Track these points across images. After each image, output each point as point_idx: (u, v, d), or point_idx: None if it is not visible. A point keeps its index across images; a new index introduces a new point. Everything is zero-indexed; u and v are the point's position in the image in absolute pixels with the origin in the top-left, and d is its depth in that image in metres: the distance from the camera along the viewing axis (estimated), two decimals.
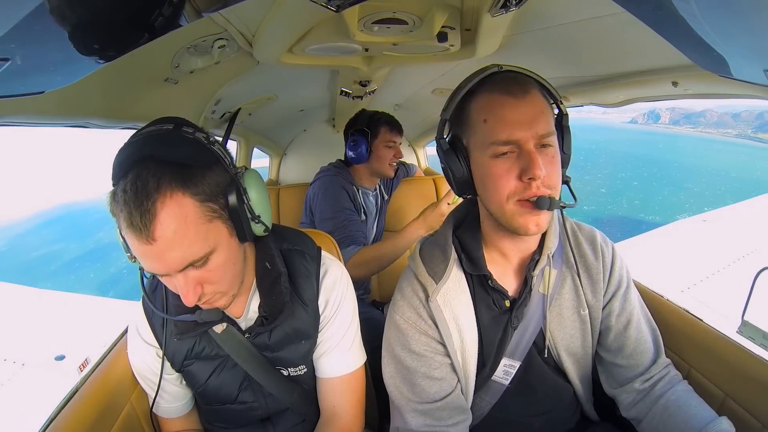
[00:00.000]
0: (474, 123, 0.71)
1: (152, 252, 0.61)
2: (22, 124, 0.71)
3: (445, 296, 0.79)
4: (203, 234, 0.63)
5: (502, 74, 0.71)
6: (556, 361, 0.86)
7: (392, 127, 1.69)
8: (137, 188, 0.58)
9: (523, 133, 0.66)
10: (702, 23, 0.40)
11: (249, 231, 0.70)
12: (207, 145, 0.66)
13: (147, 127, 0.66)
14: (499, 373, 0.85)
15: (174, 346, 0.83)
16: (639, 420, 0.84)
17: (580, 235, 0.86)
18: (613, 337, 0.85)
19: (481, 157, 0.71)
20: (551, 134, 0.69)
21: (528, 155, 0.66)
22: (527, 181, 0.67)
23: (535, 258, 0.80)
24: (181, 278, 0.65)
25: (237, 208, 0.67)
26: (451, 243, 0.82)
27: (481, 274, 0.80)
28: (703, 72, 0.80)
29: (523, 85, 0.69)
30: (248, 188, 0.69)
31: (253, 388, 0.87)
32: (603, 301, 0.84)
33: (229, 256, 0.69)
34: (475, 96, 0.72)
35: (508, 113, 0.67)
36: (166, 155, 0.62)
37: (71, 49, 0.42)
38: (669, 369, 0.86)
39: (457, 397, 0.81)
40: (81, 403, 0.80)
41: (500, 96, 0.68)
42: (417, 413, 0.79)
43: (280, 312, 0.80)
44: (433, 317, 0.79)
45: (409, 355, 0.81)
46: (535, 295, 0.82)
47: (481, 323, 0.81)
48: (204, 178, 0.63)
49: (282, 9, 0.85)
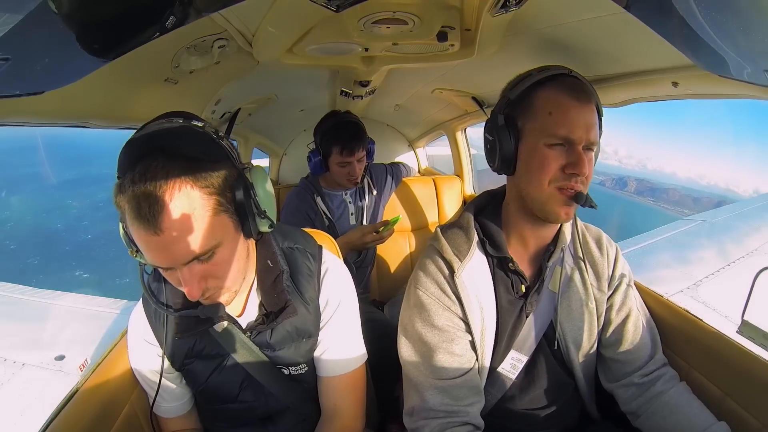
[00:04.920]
0: (538, 111, 0.76)
1: (158, 243, 0.61)
2: (22, 124, 0.71)
3: (469, 273, 0.83)
4: (210, 227, 0.64)
5: (572, 78, 0.77)
6: (563, 354, 0.89)
7: (344, 147, 1.59)
8: (146, 179, 0.59)
9: (580, 135, 0.73)
10: (702, 23, 0.40)
11: (254, 227, 0.71)
12: (216, 140, 0.66)
13: (156, 120, 0.66)
14: (506, 365, 0.88)
15: (174, 345, 0.83)
16: (638, 415, 0.87)
17: (587, 234, 0.92)
18: (612, 331, 0.88)
19: (534, 142, 0.76)
20: (597, 144, 0.77)
21: (578, 154, 0.73)
22: (569, 173, 0.73)
23: (550, 249, 0.86)
24: (186, 271, 0.65)
25: (244, 203, 0.67)
26: (473, 226, 0.87)
27: (502, 256, 0.84)
28: (703, 72, 0.80)
29: (588, 94, 0.75)
30: (255, 184, 0.69)
31: (254, 388, 0.87)
32: (606, 294, 0.88)
33: (234, 251, 0.70)
34: (544, 89, 0.76)
35: (572, 114, 0.73)
36: (176, 148, 0.62)
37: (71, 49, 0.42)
38: (667, 368, 0.89)
39: (474, 376, 0.84)
40: (81, 403, 0.80)
41: (569, 97, 0.74)
42: (436, 390, 0.82)
43: (281, 310, 0.80)
44: (458, 293, 0.82)
45: (431, 331, 0.83)
46: (546, 290, 0.87)
47: (499, 304, 0.85)
48: (213, 172, 0.64)
49: (282, 9, 0.85)
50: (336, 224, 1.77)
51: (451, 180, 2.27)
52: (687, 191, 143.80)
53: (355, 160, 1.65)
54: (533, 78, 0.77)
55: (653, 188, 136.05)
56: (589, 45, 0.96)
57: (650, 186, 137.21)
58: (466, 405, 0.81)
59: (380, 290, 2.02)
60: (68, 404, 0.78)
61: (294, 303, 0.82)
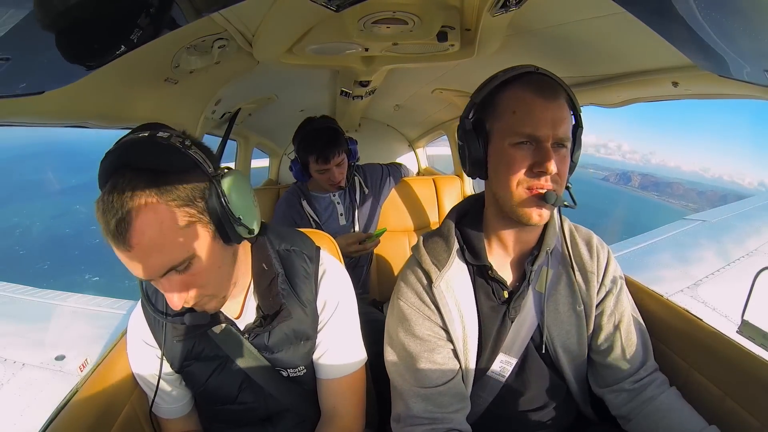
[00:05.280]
0: (502, 112, 0.75)
1: (131, 258, 0.62)
2: (22, 124, 0.71)
3: (448, 282, 0.82)
4: (181, 239, 0.64)
5: (537, 75, 0.75)
6: (552, 358, 0.87)
7: (318, 156, 1.62)
8: (113, 197, 0.60)
9: (545, 132, 0.71)
10: (702, 23, 0.40)
11: (233, 234, 0.69)
12: (182, 150, 0.65)
13: (127, 136, 0.66)
14: (496, 368, 0.87)
15: (173, 347, 0.83)
16: (628, 419, 0.87)
17: (577, 235, 0.90)
18: (604, 338, 0.87)
19: (500, 143, 0.75)
20: (568, 139, 0.75)
21: (545, 151, 0.71)
22: (538, 172, 0.72)
23: (533, 253, 0.84)
24: (164, 283, 0.66)
25: (217, 211, 0.66)
26: (454, 234, 0.86)
27: (481, 264, 0.83)
28: (703, 72, 0.80)
29: (554, 91, 0.73)
30: (228, 191, 0.67)
31: (253, 389, 0.87)
32: (597, 299, 0.86)
33: (213, 260, 0.69)
34: (509, 88, 0.75)
35: (536, 111, 0.72)
36: (141, 163, 0.62)
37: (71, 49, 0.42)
38: (658, 373, 0.88)
39: (458, 383, 0.83)
40: (81, 403, 0.80)
41: (533, 94, 0.73)
42: (419, 398, 0.82)
43: (277, 313, 0.80)
44: (436, 302, 0.82)
45: (412, 340, 0.83)
46: (532, 292, 0.85)
47: (480, 311, 0.84)
48: (180, 183, 0.64)
49: (282, 9, 0.85)
50: (323, 226, 1.79)
51: (451, 180, 2.27)
52: (691, 185, 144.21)
53: (332, 166, 1.66)
54: (498, 79, 0.76)
55: (657, 182, 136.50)
56: (589, 45, 0.95)
57: (654, 180, 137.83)
58: (451, 412, 0.81)
59: (380, 290, 2.02)
60: (68, 404, 0.78)
61: (290, 305, 0.82)
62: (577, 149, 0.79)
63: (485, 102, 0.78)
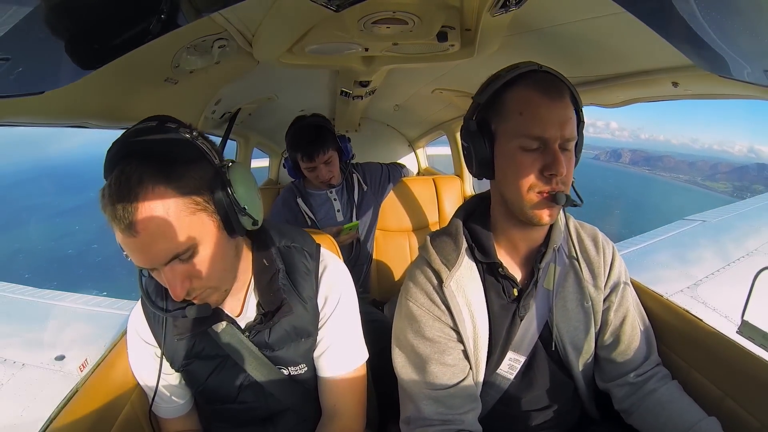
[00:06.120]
0: (508, 112, 0.74)
1: (136, 245, 0.63)
2: (22, 124, 0.71)
3: (458, 282, 0.82)
4: (186, 226, 0.64)
5: (542, 74, 0.75)
6: (561, 355, 0.88)
7: (303, 154, 1.65)
8: (120, 183, 0.61)
9: (553, 133, 0.71)
10: (702, 23, 0.40)
11: (238, 224, 0.71)
12: (191, 140, 0.67)
13: (135, 126, 0.67)
14: (504, 366, 0.87)
15: (173, 345, 0.83)
16: (630, 413, 0.88)
17: (582, 232, 0.91)
18: (609, 333, 0.88)
19: (508, 145, 0.74)
20: (574, 139, 0.74)
21: (553, 154, 0.71)
22: (548, 176, 0.72)
23: (541, 251, 0.84)
24: (168, 271, 0.66)
25: (223, 201, 0.68)
26: (463, 233, 0.85)
27: (491, 262, 0.83)
28: (703, 72, 0.80)
29: (560, 90, 0.73)
30: (234, 181, 0.69)
31: (253, 388, 0.87)
32: (603, 294, 0.87)
33: (217, 249, 0.69)
34: (514, 88, 0.74)
35: (543, 112, 0.71)
36: (149, 151, 0.63)
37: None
38: (660, 368, 0.90)
39: (469, 384, 0.83)
40: (81, 403, 0.80)
41: (539, 95, 0.72)
42: (430, 400, 0.81)
43: (277, 308, 0.80)
44: (447, 303, 0.81)
45: (422, 342, 0.83)
46: (540, 289, 0.85)
47: (491, 310, 0.84)
48: (187, 172, 0.65)
49: (282, 9, 0.85)
50: (319, 223, 1.79)
51: (451, 180, 2.27)
52: (682, 157, 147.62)
53: (320, 164, 1.67)
54: (502, 78, 0.75)
55: (648, 157, 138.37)
56: (589, 45, 0.95)
57: (645, 155, 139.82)
58: (462, 413, 0.81)
59: (380, 290, 2.02)
60: (68, 404, 0.78)
61: (290, 301, 0.82)
62: (580, 144, 0.79)
63: (489, 102, 0.77)
